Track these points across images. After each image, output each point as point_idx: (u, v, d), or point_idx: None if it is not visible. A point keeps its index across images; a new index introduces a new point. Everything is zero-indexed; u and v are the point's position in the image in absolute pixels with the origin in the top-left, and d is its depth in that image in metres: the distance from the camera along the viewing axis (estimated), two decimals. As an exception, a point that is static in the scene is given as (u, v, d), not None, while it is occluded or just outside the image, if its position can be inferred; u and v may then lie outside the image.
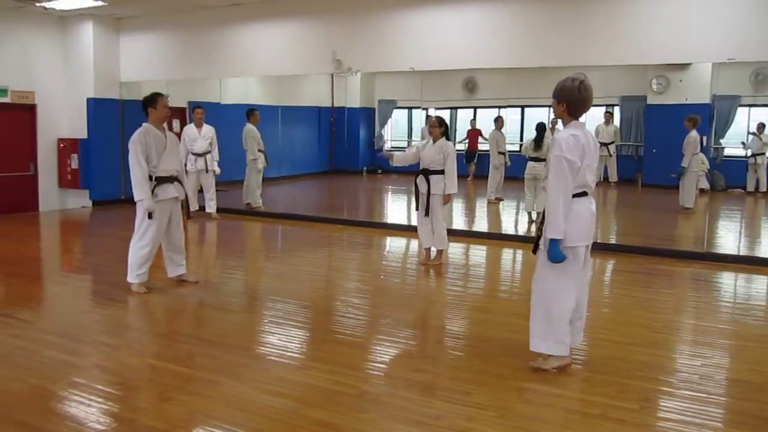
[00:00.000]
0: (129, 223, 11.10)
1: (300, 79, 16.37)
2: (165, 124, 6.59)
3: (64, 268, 8.40)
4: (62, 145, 12.54)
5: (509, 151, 13.18)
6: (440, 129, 7.49)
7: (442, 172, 7.41)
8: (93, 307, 6.24)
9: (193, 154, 10.76)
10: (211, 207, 11.13)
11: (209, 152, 10.87)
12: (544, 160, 9.38)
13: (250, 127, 11.48)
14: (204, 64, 11.95)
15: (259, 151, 11.70)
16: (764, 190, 14.36)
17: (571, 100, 4.26)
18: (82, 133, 12.53)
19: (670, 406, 3.91)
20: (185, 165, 10.84)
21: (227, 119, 12.76)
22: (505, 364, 4.47)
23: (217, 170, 11.06)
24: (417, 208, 7.69)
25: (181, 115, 14.13)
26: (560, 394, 4.00)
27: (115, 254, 8.72)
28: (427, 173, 7.48)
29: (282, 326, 5.41)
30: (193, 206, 11.04)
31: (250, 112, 11.57)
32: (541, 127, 10.43)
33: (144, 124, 6.39)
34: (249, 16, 11.18)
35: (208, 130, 10.89)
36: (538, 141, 10.24)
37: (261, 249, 9.71)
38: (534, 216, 10.21)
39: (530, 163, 10.33)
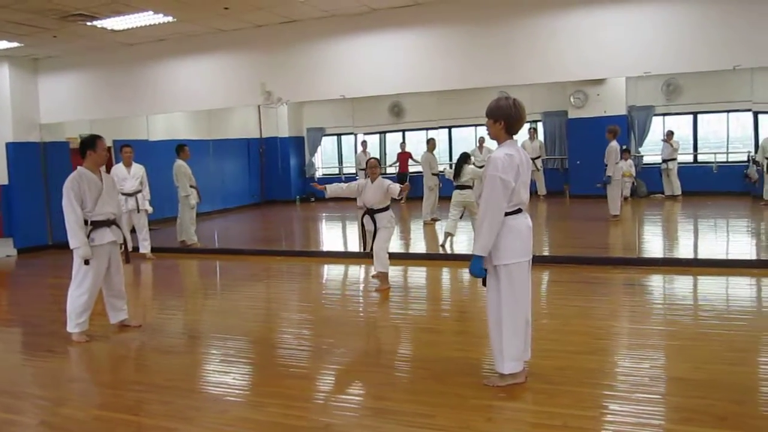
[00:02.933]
0: (59, 270, 10.79)
1: (228, 112, 16.27)
2: (103, 167, 6.39)
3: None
4: (-19, 193, 12.00)
5: (440, 172, 13.37)
6: (378, 168, 7.75)
7: (385, 209, 7.66)
8: (28, 361, 5.96)
9: (123, 194, 10.46)
10: (145, 247, 10.84)
11: (140, 191, 10.61)
12: (469, 187, 10.15)
13: (180, 162, 11.28)
14: (129, 102, 11.71)
15: (191, 186, 11.50)
16: (678, 193, 15.12)
17: (509, 118, 4.37)
18: (2, 179, 12.03)
19: (626, 410, 4.01)
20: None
21: (156, 156, 12.52)
22: (463, 383, 4.51)
23: (149, 209, 10.80)
24: (364, 249, 7.90)
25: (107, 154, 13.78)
26: (521, 408, 4.07)
27: (46, 303, 8.41)
28: (372, 213, 7.68)
29: (231, 364, 5.30)
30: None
31: (179, 147, 11.38)
32: (462, 158, 10.52)
33: (78, 168, 6.19)
34: (174, 51, 11.04)
35: (137, 168, 10.64)
36: (458, 170, 10.32)
37: (199, 286, 9.50)
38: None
39: (456, 191, 10.36)
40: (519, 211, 4.34)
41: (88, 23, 9.42)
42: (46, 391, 5.05)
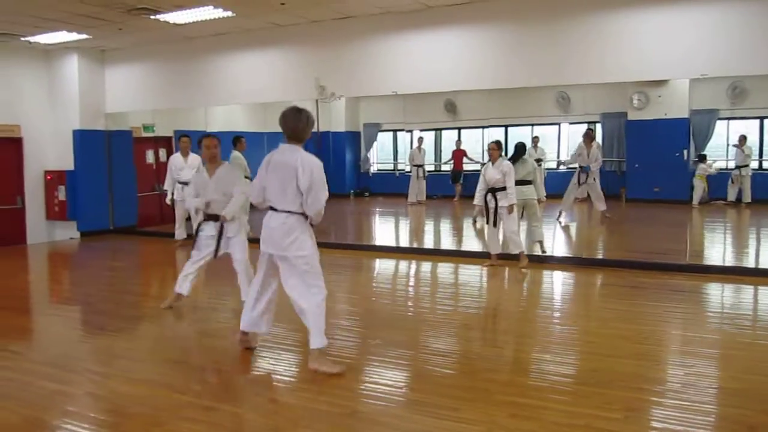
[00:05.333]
0: (118, 253, 11.25)
1: (284, 106, 16.49)
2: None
3: (53, 299, 8.41)
4: (49, 177, 12.59)
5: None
6: (498, 151, 8.55)
7: (504, 188, 8.43)
8: (83, 337, 6.27)
9: (180, 183, 10.82)
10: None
11: (196, 180, 10.93)
12: (529, 182, 9.29)
13: (236, 154, 11.55)
14: (189, 93, 12.08)
15: (246, 177, 11.76)
16: (748, 201, 14.60)
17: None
18: (68, 164, 12.60)
19: (653, 414, 3.99)
20: (173, 194, 10.93)
21: (214, 147, 12.84)
22: (491, 379, 4.55)
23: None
24: (488, 222, 8.75)
25: (167, 143, 14.25)
26: (546, 407, 4.08)
27: (103, 285, 8.79)
28: (494, 191, 8.50)
29: (273, 350, 5.45)
30: (182, 235, 11.13)
31: (236, 139, 11.66)
32: (521, 149, 9.53)
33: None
34: (232, 45, 11.34)
35: (194, 158, 10.96)
36: (515, 161, 9.12)
37: (251, 275, 9.71)
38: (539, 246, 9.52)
39: (517, 187, 8.98)
40: (271, 209, 4.79)
41: (152, 17, 9.76)
42: (95, 365, 5.31)
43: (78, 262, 11.15)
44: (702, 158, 15.02)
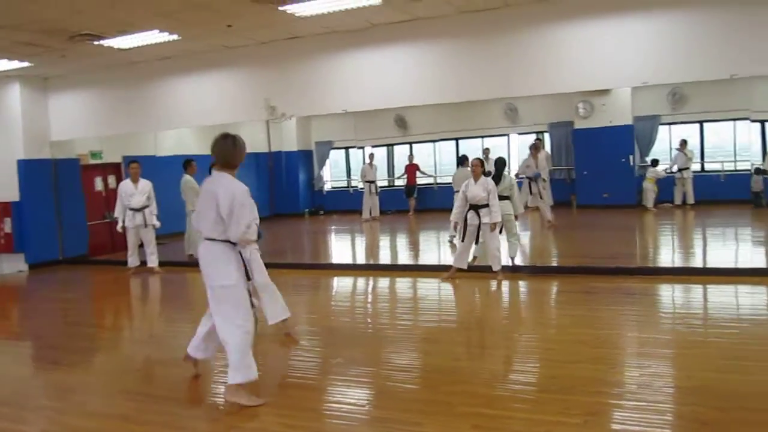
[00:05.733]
0: (68, 285, 10.96)
1: (236, 127, 16.35)
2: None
3: (2, 335, 8.13)
4: (-7, 210, 12.23)
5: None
6: (482, 168, 8.55)
7: (487, 205, 8.42)
8: (36, 373, 6.10)
9: (131, 209, 10.65)
10: (152, 261, 10.98)
11: (147, 207, 10.77)
12: (507, 197, 9.21)
13: (187, 178, 11.43)
14: (137, 118, 11.92)
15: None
16: (692, 202, 15.09)
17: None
18: (13, 195, 12.25)
19: (613, 417, 4.08)
20: (124, 221, 10.76)
21: (164, 171, 12.70)
22: (453, 391, 4.58)
23: (157, 224, 10.95)
24: (462, 240, 8.66)
25: (116, 170, 14.00)
26: (508, 416, 4.13)
27: (54, 317, 8.55)
28: (476, 208, 8.47)
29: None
30: (134, 262, 10.95)
31: (187, 163, 11.54)
32: (501, 163, 9.51)
33: None
34: (180, 68, 11.24)
35: (144, 184, 10.81)
36: (497, 177, 9.15)
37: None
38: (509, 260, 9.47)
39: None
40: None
41: (96, 42, 9.62)
42: (49, 401, 5.17)
43: (27, 295, 10.83)
44: (654, 163, 15.47)
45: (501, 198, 8.91)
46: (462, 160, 11.66)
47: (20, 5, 7.73)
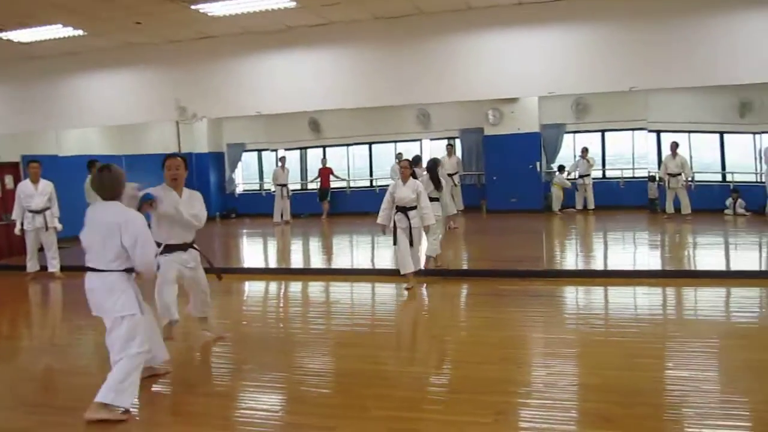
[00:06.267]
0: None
1: (144, 127, 15.91)
2: None
3: None
4: None
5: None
6: (410, 170, 8.36)
7: (415, 207, 8.22)
8: None
9: (30, 211, 10.15)
10: (53, 266, 10.49)
11: (48, 209, 10.28)
12: (436, 199, 9.19)
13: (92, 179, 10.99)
14: (38, 117, 11.37)
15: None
16: (592, 207, 15.81)
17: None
18: None
19: (521, 415, 4.23)
20: (22, 223, 10.24)
21: (67, 172, 12.12)
22: (367, 395, 4.62)
23: (58, 226, 10.45)
24: (395, 243, 8.36)
25: (14, 170, 13.28)
26: (421, 417, 4.20)
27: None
28: (405, 210, 8.22)
29: (141, 384, 5.21)
30: (34, 267, 10.43)
31: (91, 163, 11.04)
32: (433, 164, 9.54)
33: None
34: (85, 65, 10.82)
35: (45, 185, 10.31)
36: (436, 180, 9.30)
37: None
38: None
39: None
40: (89, 269, 4.61)
41: (-7, 35, 9.15)
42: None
43: None
44: (561, 169, 16.09)
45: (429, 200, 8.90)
46: (416, 161, 11.72)
47: None
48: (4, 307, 9.31)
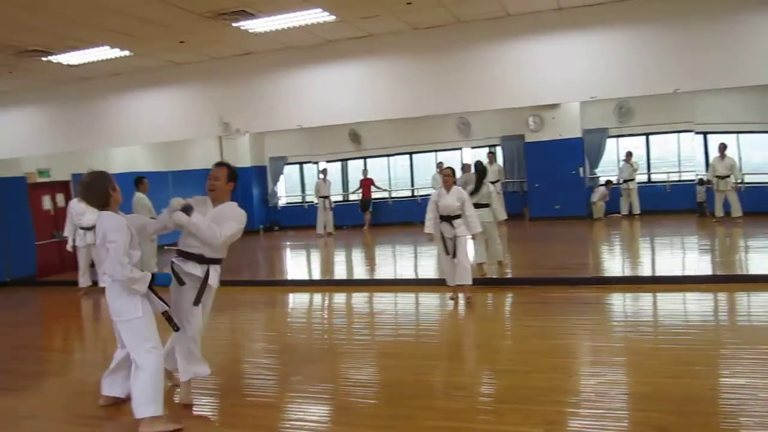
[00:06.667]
0: (16, 307, 10.63)
1: (188, 143, 16.26)
2: None
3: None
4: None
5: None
6: (453, 178, 8.10)
7: (459, 216, 7.95)
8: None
9: (81, 228, 10.42)
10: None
11: (98, 225, 10.54)
12: (486, 205, 9.33)
13: (139, 195, 11.24)
14: (87, 136, 11.67)
15: (152, 218, 11.42)
16: (638, 212, 15.52)
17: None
18: (-44, 215, 11.87)
19: (571, 425, 4.16)
20: (74, 240, 10.53)
21: (115, 189, 12.43)
22: (415, 405, 4.61)
23: (109, 242, 10.71)
24: (447, 253, 8.05)
25: (65, 188, 13.68)
26: (471, 427, 4.17)
27: (2, 341, 8.28)
28: (449, 219, 7.96)
29: (192, 394, 5.30)
30: (86, 282, 10.70)
31: (138, 180, 11.34)
32: (482, 170, 9.58)
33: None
34: (131, 84, 11.08)
35: (96, 202, 10.57)
36: (478, 185, 9.35)
37: (161, 318, 9.42)
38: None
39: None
40: None
41: (44, 58, 9.43)
42: (1, 429, 5.00)
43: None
44: (608, 184, 15.86)
45: (480, 206, 9.05)
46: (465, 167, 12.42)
47: (-35, 21, 7.55)
48: (58, 321, 9.58)
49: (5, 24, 7.76)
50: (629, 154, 15.75)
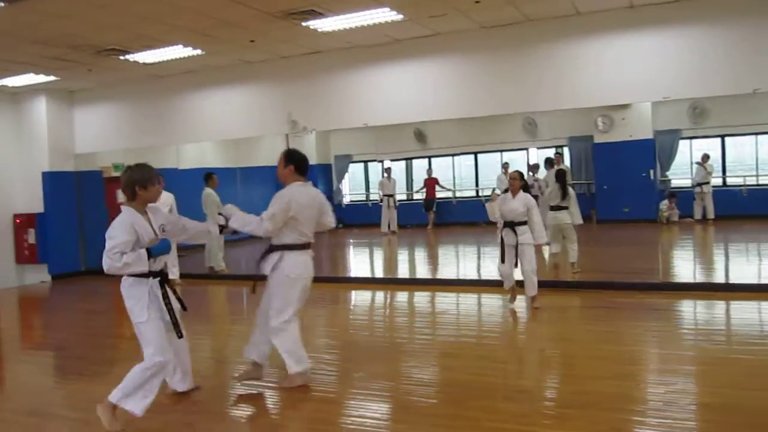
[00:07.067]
0: (90, 296, 11.07)
1: (256, 140, 16.57)
2: None
3: (25, 345, 8.24)
4: (18, 221, 12.41)
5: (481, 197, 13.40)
6: (520, 182, 7.59)
7: (525, 222, 7.51)
8: (59, 383, 6.15)
9: (153, 221, 10.74)
10: (174, 273, 11.03)
11: (169, 219, 10.84)
12: (566, 208, 9.43)
13: (208, 191, 11.53)
14: (160, 132, 12.07)
15: (219, 214, 11.65)
16: (712, 217, 14.94)
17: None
18: (38, 207, 12.44)
19: (638, 434, 4.05)
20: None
21: (185, 184, 12.81)
22: (477, 406, 4.57)
23: (178, 236, 11.02)
24: (503, 261, 7.66)
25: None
26: (531, 431, 4.11)
27: (77, 328, 8.63)
28: (513, 225, 7.53)
29: (254, 387, 5.41)
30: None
31: (208, 176, 11.64)
32: (561, 174, 9.73)
33: None
34: (202, 82, 11.38)
35: (167, 197, 10.85)
36: (564, 190, 9.45)
37: (226, 312, 9.68)
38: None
39: (552, 213, 9.54)
40: None
41: (121, 57, 9.79)
42: (72, 412, 5.21)
43: (50, 305, 10.96)
44: (671, 197, 15.39)
45: (560, 208, 9.37)
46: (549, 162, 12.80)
47: (50, 21, 7.89)
48: (130, 311, 9.90)
49: (86, 24, 8.09)
50: (706, 157, 15.19)
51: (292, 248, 5.25)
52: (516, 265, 7.61)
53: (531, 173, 15.24)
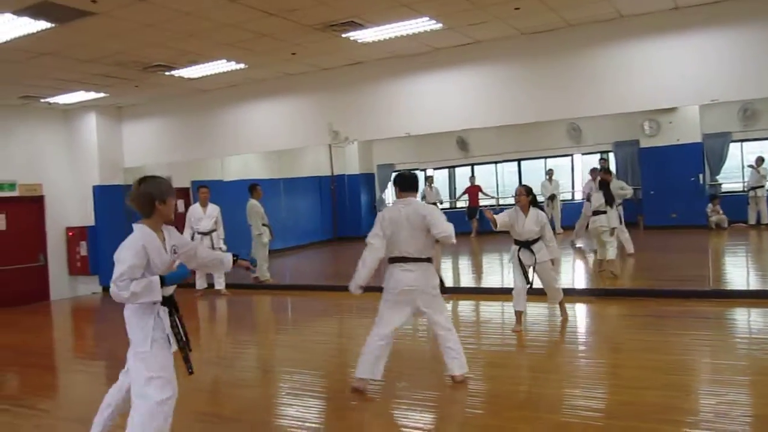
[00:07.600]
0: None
1: (299, 151, 16.75)
2: None
3: (78, 355, 8.46)
4: (71, 234, 12.78)
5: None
6: (528, 198, 7.23)
7: (537, 240, 7.25)
8: (110, 393, 6.28)
9: (199, 233, 10.94)
10: (220, 284, 11.25)
11: (215, 230, 11.04)
12: (603, 212, 10.08)
13: (253, 202, 11.70)
14: (205, 145, 12.29)
15: (264, 225, 11.87)
16: (766, 222, 14.50)
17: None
18: (89, 220, 12.78)
19: (687, 447, 3.94)
20: (192, 244, 11.06)
21: (230, 196, 13.02)
22: (518, 417, 4.52)
23: (224, 248, 11.18)
24: (528, 281, 7.31)
25: (184, 195, 14.43)
26: (578, 443, 4.05)
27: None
28: (528, 245, 7.25)
29: (299, 397, 5.45)
30: (202, 285, 11.23)
31: (252, 187, 11.81)
32: (605, 183, 10.56)
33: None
34: (245, 95, 11.57)
35: (212, 209, 11.09)
36: (610, 197, 10.28)
37: (272, 321, 9.78)
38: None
39: (593, 217, 10.41)
40: None
41: (167, 73, 10.02)
42: (124, 419, 5.31)
43: (102, 316, 11.23)
44: (713, 200, 15.01)
45: (597, 213, 10.16)
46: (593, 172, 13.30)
47: (99, 41, 8.14)
48: (178, 321, 10.08)
49: (133, 42, 8.31)
50: (760, 160, 14.76)
51: (391, 262, 5.79)
52: (530, 283, 7.31)
53: (548, 179, 15.75)
